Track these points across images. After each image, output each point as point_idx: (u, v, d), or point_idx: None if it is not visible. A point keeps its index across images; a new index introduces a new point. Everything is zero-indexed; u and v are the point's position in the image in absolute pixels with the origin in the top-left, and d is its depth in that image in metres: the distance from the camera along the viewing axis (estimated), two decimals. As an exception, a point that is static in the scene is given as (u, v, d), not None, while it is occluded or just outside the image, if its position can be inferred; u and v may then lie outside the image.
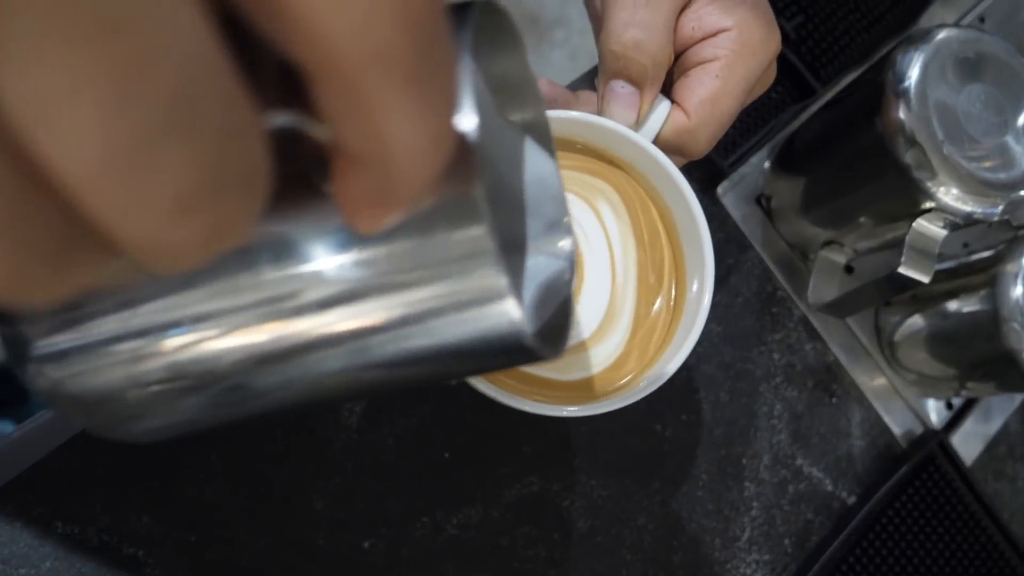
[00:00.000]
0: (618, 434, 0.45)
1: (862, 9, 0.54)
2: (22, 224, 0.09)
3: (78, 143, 0.08)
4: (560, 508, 0.43)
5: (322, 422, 0.40)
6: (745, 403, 0.48)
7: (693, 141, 0.33)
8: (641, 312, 0.34)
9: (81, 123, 0.08)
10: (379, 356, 0.15)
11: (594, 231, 0.34)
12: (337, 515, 0.40)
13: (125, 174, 0.09)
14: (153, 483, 0.37)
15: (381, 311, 0.15)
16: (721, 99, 0.32)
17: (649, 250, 0.35)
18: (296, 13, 0.09)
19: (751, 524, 0.47)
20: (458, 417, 0.42)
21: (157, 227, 0.09)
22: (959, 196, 0.40)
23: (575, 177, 0.35)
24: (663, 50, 0.31)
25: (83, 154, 0.08)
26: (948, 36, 0.41)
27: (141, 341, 0.16)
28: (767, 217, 0.52)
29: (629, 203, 0.35)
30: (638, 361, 0.33)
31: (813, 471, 0.49)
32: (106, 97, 0.08)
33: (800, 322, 0.51)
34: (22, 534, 0.35)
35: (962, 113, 0.41)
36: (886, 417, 0.52)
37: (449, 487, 0.42)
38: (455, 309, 0.14)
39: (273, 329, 0.15)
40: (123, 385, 0.16)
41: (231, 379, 0.16)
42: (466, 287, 0.14)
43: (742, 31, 0.32)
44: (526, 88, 0.21)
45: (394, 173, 0.11)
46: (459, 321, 0.15)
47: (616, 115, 0.33)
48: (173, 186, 0.09)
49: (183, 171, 0.09)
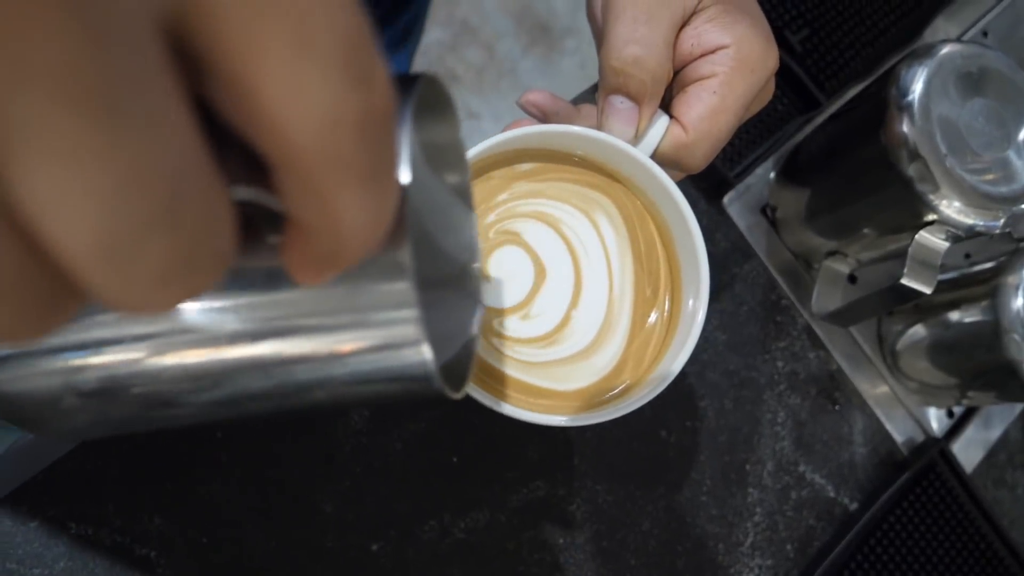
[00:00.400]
0: (623, 440, 0.46)
1: (867, 22, 0.55)
2: (19, 283, 0.11)
3: (79, 233, 0.10)
4: (565, 513, 0.44)
5: (332, 425, 0.41)
6: (749, 410, 0.49)
7: (690, 156, 0.34)
8: (637, 324, 0.35)
9: (84, 217, 0.10)
10: (298, 382, 0.17)
11: (592, 244, 0.35)
12: (346, 517, 0.40)
13: (117, 258, 0.10)
14: (165, 484, 0.38)
15: (307, 345, 0.16)
16: (719, 115, 0.32)
17: (646, 263, 0.35)
18: (268, 116, 0.11)
19: (754, 529, 0.47)
20: (466, 422, 0.43)
21: (138, 295, 0.11)
22: (961, 209, 0.41)
23: (574, 190, 0.36)
24: (662, 67, 0.32)
25: (82, 241, 0.10)
26: (951, 51, 0.42)
27: (84, 354, 0.17)
28: (772, 227, 0.52)
29: (627, 217, 0.35)
30: (633, 372, 0.34)
31: (816, 478, 0.50)
32: (107, 197, 0.09)
33: (804, 331, 0.52)
34: (36, 534, 0.36)
35: (964, 127, 0.41)
36: (888, 425, 0.52)
37: (457, 491, 0.42)
38: (374, 349, 0.16)
39: (210, 353, 0.17)
40: (60, 393, 0.17)
41: (165, 394, 0.18)
42: (387, 333, 0.16)
43: (740, 48, 0.32)
44: (455, 151, 0.23)
45: (341, 244, 0.13)
46: (376, 359, 0.17)
47: (615, 130, 0.33)
48: (156, 267, 0.10)
49: (165, 255, 0.10)
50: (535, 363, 0.34)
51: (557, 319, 0.34)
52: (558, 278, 0.34)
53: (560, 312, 0.34)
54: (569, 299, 0.34)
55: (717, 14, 0.33)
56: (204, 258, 0.11)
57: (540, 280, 0.34)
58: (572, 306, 0.34)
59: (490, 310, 0.34)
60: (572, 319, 0.34)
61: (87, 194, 0.09)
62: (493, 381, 0.33)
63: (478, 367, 0.33)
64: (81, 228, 0.10)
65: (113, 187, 0.09)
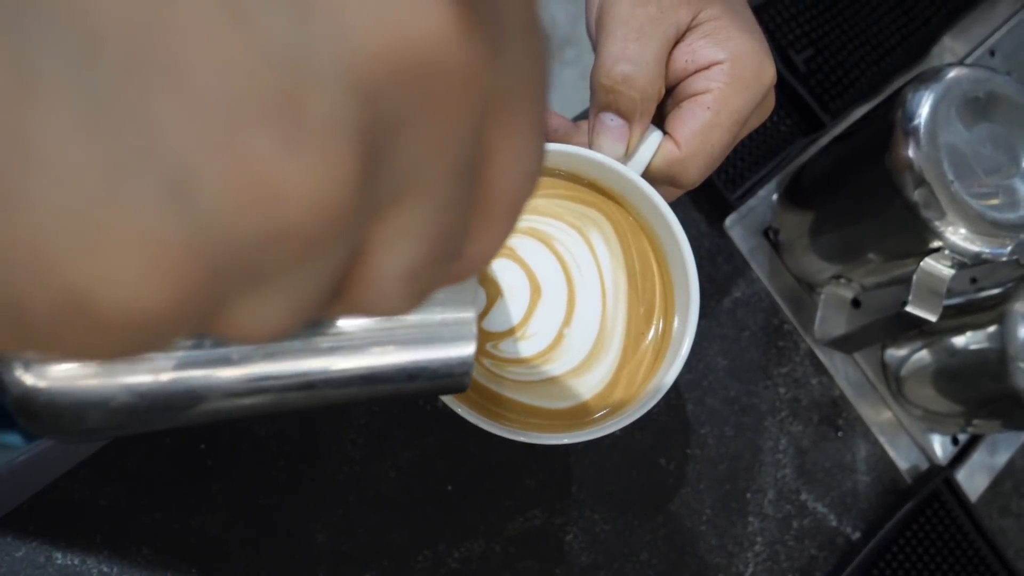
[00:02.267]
0: (622, 468, 0.45)
1: (872, 42, 0.54)
2: (317, 294, 0.13)
3: (395, 264, 0.12)
4: (562, 542, 0.43)
5: (325, 453, 0.40)
6: (750, 437, 0.48)
7: (684, 172, 0.33)
8: (630, 342, 0.34)
9: (402, 255, 0.12)
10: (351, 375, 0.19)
11: (585, 261, 0.34)
12: (339, 547, 0.39)
13: (411, 282, 0.13)
14: (155, 514, 0.37)
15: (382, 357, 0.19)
16: (712, 131, 0.32)
17: (640, 281, 0.35)
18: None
19: (755, 560, 0.47)
20: (461, 449, 0.42)
21: (394, 307, 0.13)
22: (967, 236, 0.40)
23: (568, 207, 0.35)
24: (652, 84, 0.32)
25: (397, 267, 0.12)
26: (958, 75, 0.41)
27: (153, 364, 0.17)
28: (774, 250, 0.52)
29: (621, 234, 0.35)
30: (626, 390, 0.34)
31: (818, 506, 0.49)
32: (428, 245, 0.12)
33: (806, 356, 0.51)
34: (22, 564, 0.35)
35: (971, 153, 0.40)
36: (891, 452, 0.52)
37: (451, 520, 0.41)
38: (428, 343, 0.19)
39: (298, 364, 0.19)
40: (112, 395, 0.17)
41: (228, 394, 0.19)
42: (445, 331, 0.19)
43: (735, 64, 0.32)
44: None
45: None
46: (426, 354, 0.19)
47: (605, 147, 0.33)
48: (424, 289, 0.14)
49: (435, 282, 0.14)
50: (528, 382, 0.33)
51: (550, 338, 0.33)
52: (552, 296, 0.34)
53: (553, 331, 0.34)
54: (562, 317, 0.34)
55: (712, 30, 0.32)
56: (455, 267, 0.14)
57: (535, 298, 0.34)
58: (565, 324, 0.34)
59: (486, 333, 0.33)
60: (565, 337, 0.33)
61: (417, 245, 0.12)
62: (485, 401, 0.33)
63: (473, 391, 0.33)
64: (399, 262, 0.12)
65: (431, 242, 0.12)
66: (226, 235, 0.10)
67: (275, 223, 0.10)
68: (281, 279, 0.11)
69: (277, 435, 0.39)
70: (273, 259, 0.11)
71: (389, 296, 0.13)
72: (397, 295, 0.13)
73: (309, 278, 0.11)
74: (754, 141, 0.51)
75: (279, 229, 0.10)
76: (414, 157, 0.11)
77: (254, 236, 0.10)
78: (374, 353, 0.19)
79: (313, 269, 0.11)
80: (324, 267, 0.11)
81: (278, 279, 0.11)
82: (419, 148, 0.11)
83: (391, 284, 0.12)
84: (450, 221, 0.12)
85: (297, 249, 0.11)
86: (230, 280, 0.11)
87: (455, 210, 0.12)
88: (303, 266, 0.11)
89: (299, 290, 0.11)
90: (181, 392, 0.18)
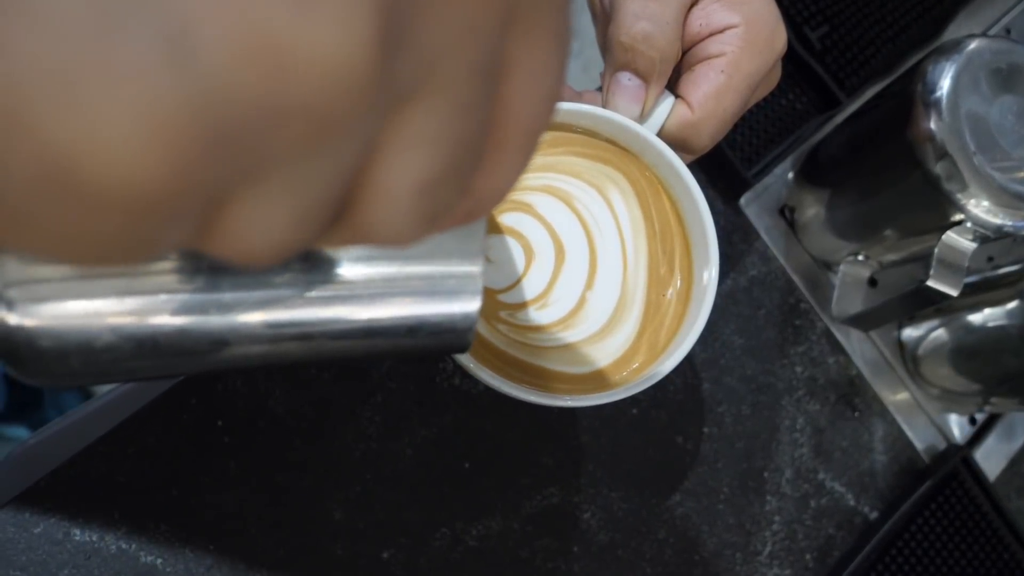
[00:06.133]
0: (639, 446, 0.45)
1: (888, 19, 0.54)
2: (321, 202, 0.12)
3: (409, 172, 0.12)
4: (580, 520, 0.43)
5: (342, 431, 0.40)
6: (767, 416, 0.48)
7: (696, 135, 0.33)
8: (652, 303, 0.33)
9: (417, 161, 0.12)
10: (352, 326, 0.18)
11: (605, 220, 0.34)
12: (356, 525, 0.39)
13: (423, 196, 0.12)
14: (172, 491, 0.37)
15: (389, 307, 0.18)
16: (725, 94, 0.32)
17: (660, 240, 0.34)
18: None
19: (772, 538, 0.46)
20: (478, 427, 0.42)
21: (406, 230, 0.13)
22: (990, 209, 0.40)
23: (586, 164, 0.34)
24: (672, 45, 0.31)
25: (410, 179, 0.12)
26: (980, 46, 0.41)
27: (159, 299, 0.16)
28: (790, 228, 0.51)
29: (640, 192, 0.34)
30: (648, 353, 0.33)
31: (835, 486, 0.48)
32: (443, 150, 0.12)
33: (823, 335, 0.50)
34: (39, 541, 0.35)
35: (994, 125, 0.40)
36: (909, 432, 0.51)
37: (468, 497, 0.41)
38: (432, 295, 0.18)
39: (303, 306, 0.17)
40: (96, 336, 0.16)
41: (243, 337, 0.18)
42: (451, 283, 0.18)
43: (749, 28, 0.32)
44: None
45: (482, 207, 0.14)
46: (429, 306, 0.18)
47: (620, 107, 0.33)
48: (434, 208, 0.13)
49: (447, 199, 0.13)
50: (548, 347, 0.32)
51: (573, 302, 0.33)
52: (575, 258, 0.33)
53: (576, 295, 0.33)
54: (584, 280, 0.33)
55: None
56: (453, 208, 0.13)
57: (560, 260, 0.33)
58: (587, 288, 0.33)
59: (511, 304, 0.33)
60: (587, 301, 0.33)
61: (433, 153, 0.11)
62: (505, 365, 0.32)
63: (489, 352, 0.32)
64: (412, 170, 0.11)
65: (447, 152, 0.11)
66: (228, 101, 0.09)
67: (283, 94, 0.09)
68: (287, 175, 0.10)
69: (294, 412, 0.39)
70: (279, 142, 0.09)
71: (397, 213, 0.12)
72: (406, 213, 0.12)
73: (317, 176, 0.10)
74: (769, 119, 0.50)
75: (287, 103, 0.09)
76: (435, 45, 0.10)
77: (259, 107, 0.09)
78: (374, 304, 0.18)
79: (322, 164, 0.10)
80: (334, 163, 0.10)
81: (283, 175, 0.10)
82: (441, 35, 0.10)
83: (402, 198, 0.12)
84: (468, 129, 0.11)
85: (306, 132, 0.10)
86: (231, 160, 0.09)
87: (473, 117, 0.11)
88: (311, 158, 0.10)
89: (305, 192, 0.10)
90: (168, 336, 0.17)
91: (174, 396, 0.38)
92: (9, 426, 0.70)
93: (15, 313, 0.16)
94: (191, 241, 0.11)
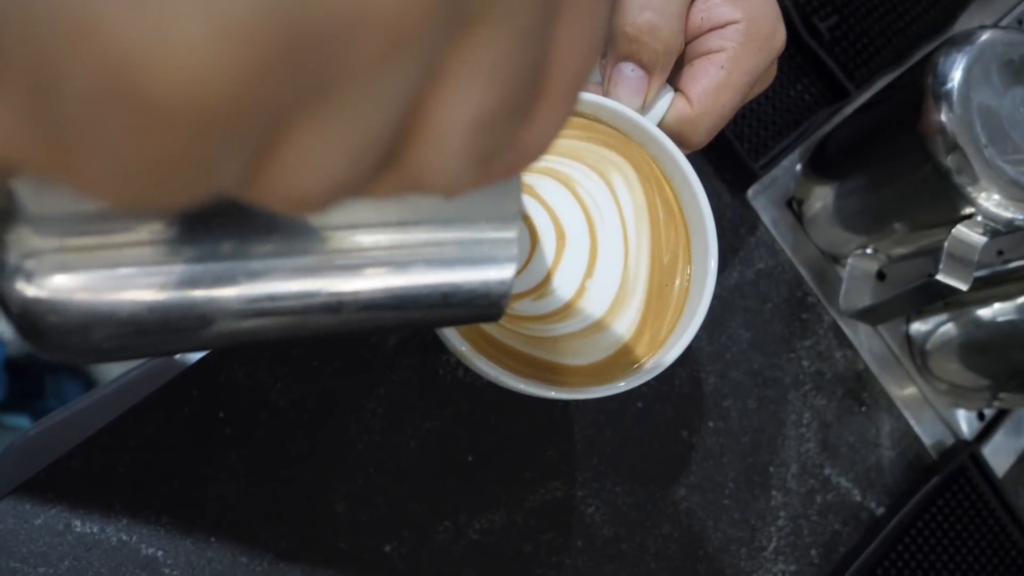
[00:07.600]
0: (644, 440, 0.44)
1: (898, 10, 0.53)
2: (373, 142, 0.11)
3: (467, 106, 0.11)
4: (584, 515, 0.42)
5: (344, 423, 0.40)
6: (773, 411, 0.47)
7: (693, 131, 0.33)
8: (653, 293, 0.33)
9: (475, 95, 0.11)
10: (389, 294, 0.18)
11: (607, 206, 0.33)
12: (359, 518, 0.39)
13: (481, 134, 0.12)
14: (173, 483, 0.37)
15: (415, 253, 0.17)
16: (724, 90, 0.32)
17: (663, 229, 0.33)
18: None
19: (778, 534, 0.46)
20: (482, 420, 0.42)
21: (461, 174, 0.12)
22: (1000, 202, 0.39)
23: (589, 148, 0.34)
24: (676, 37, 0.31)
25: (466, 115, 0.11)
26: (992, 38, 0.40)
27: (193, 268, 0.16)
28: (798, 221, 0.51)
29: (644, 178, 0.34)
30: (649, 345, 0.32)
31: (841, 481, 0.48)
32: (500, 84, 0.11)
33: (830, 329, 0.50)
34: (40, 532, 0.35)
35: (1005, 117, 0.39)
36: (916, 427, 0.51)
37: (472, 491, 0.41)
38: (468, 262, 0.18)
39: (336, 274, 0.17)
40: (119, 306, 0.16)
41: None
42: (484, 250, 0.18)
43: (750, 25, 0.32)
44: None
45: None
46: (464, 273, 0.18)
47: (622, 98, 0.32)
48: (490, 150, 0.12)
49: (504, 140, 0.13)
50: (546, 337, 0.32)
51: (572, 291, 0.32)
52: (575, 245, 0.33)
53: (575, 283, 0.32)
54: (584, 268, 0.32)
55: None
56: (502, 155, 0.13)
57: (561, 245, 0.32)
58: (587, 276, 0.32)
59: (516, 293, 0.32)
60: (587, 290, 0.32)
61: (492, 85, 0.11)
62: (504, 356, 0.31)
63: (485, 341, 0.32)
64: (471, 104, 0.11)
65: (505, 86, 0.11)
66: (304, 4, 0.08)
67: (360, 1, 0.09)
68: (350, 99, 0.10)
69: (297, 404, 0.39)
70: (351, 55, 0.09)
71: (451, 153, 0.11)
72: (460, 153, 0.11)
73: (378, 103, 0.10)
74: (777, 110, 0.50)
75: (363, 12, 0.09)
76: None
77: (335, 13, 0.09)
78: (406, 271, 0.17)
79: (385, 88, 0.10)
80: (398, 87, 0.10)
81: (347, 99, 0.10)
82: None
83: (456, 135, 0.11)
84: (525, 64, 0.11)
85: (378, 45, 0.09)
86: (300, 75, 0.09)
87: (532, 51, 0.11)
88: (378, 78, 0.10)
89: (364, 122, 0.10)
90: (195, 306, 0.16)
91: (176, 387, 0.37)
92: (10, 415, 0.70)
93: (33, 285, 0.15)
94: (239, 184, 0.10)
